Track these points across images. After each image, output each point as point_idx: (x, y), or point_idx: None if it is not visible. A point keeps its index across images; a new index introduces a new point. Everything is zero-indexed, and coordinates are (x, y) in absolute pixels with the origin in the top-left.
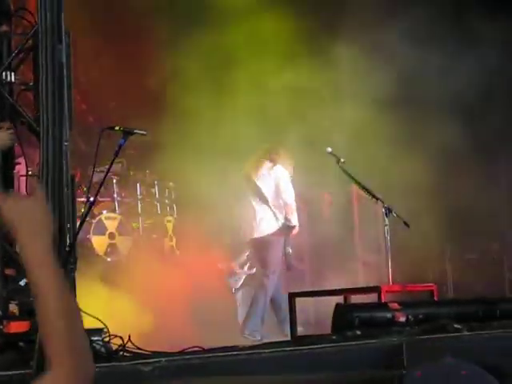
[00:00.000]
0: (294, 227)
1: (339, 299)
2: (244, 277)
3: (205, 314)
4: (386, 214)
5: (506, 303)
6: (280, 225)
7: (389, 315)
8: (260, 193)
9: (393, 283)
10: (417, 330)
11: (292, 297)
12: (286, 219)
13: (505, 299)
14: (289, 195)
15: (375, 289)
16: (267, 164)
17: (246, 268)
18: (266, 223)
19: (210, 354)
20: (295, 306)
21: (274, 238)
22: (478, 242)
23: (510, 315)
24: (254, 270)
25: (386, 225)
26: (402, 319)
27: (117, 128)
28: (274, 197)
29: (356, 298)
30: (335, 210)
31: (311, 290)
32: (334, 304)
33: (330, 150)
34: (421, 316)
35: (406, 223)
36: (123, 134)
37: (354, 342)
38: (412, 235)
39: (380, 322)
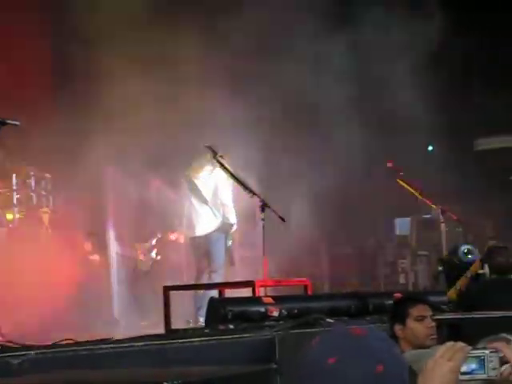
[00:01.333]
0: (232, 225)
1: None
2: (151, 262)
3: (81, 305)
4: (262, 208)
5: (377, 298)
6: (219, 222)
7: (262, 309)
8: (199, 193)
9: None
10: (289, 324)
11: (166, 290)
12: (224, 217)
13: (376, 294)
14: (226, 196)
15: (249, 283)
16: (208, 168)
17: (153, 253)
18: (206, 221)
19: (82, 347)
20: (169, 300)
21: (215, 235)
22: (354, 236)
23: (381, 309)
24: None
25: (262, 219)
26: (275, 313)
27: None
28: (212, 197)
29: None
30: None
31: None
32: None
33: (207, 144)
34: (294, 310)
35: (281, 218)
36: None
37: (226, 336)
38: (289, 230)
39: (253, 316)
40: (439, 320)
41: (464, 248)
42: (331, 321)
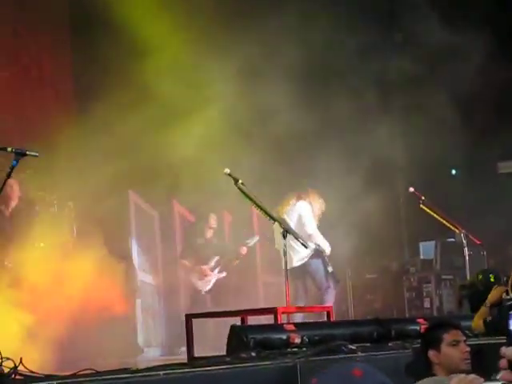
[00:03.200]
0: (324, 250)
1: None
2: (214, 280)
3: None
4: (283, 235)
5: (399, 324)
6: (312, 250)
7: (284, 337)
8: (288, 226)
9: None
10: (311, 351)
11: (189, 318)
12: (316, 244)
13: (399, 320)
14: (310, 227)
15: (272, 310)
16: (293, 201)
17: (216, 271)
18: (301, 251)
19: (103, 377)
20: (192, 327)
21: (312, 262)
22: (378, 261)
23: (403, 335)
24: (224, 273)
25: (284, 245)
26: (297, 340)
27: (9, 149)
28: (298, 227)
29: (255, 320)
30: (235, 229)
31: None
32: None
33: (228, 171)
34: (316, 337)
35: (304, 245)
36: (15, 155)
37: (248, 364)
38: None
39: (275, 343)
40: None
41: (488, 273)
42: (353, 347)
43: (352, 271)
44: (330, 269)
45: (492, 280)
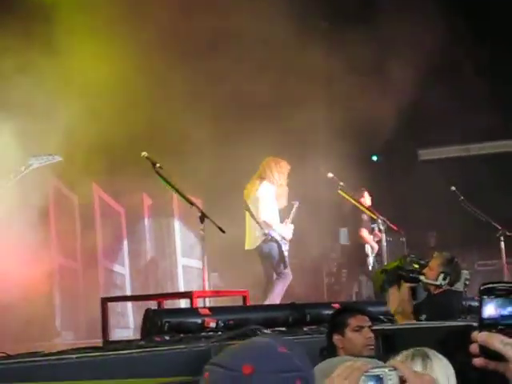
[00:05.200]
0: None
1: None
2: None
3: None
4: (200, 219)
5: (314, 308)
6: (263, 235)
7: (199, 321)
8: (249, 211)
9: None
10: (225, 335)
11: (104, 301)
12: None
13: (314, 304)
14: (262, 213)
15: (187, 294)
16: (257, 182)
17: None
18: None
19: (14, 360)
20: (107, 311)
21: (264, 246)
22: (299, 247)
23: (319, 320)
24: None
25: (201, 230)
26: (212, 324)
27: None
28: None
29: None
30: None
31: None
32: None
33: (145, 153)
34: (231, 322)
35: (221, 229)
36: None
37: (161, 348)
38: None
39: (190, 327)
40: (376, 330)
41: (409, 258)
42: (268, 331)
43: None
44: (285, 253)
45: (416, 266)
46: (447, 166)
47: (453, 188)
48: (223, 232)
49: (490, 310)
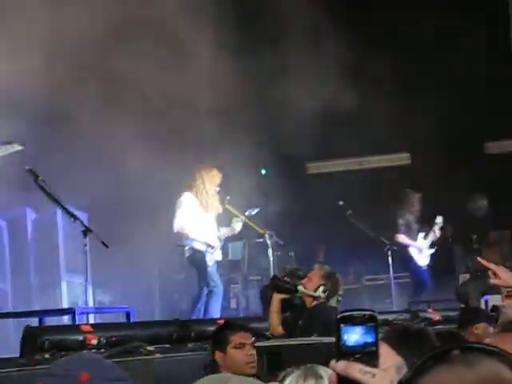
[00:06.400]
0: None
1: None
2: None
3: None
4: (84, 233)
5: (199, 324)
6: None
7: (80, 338)
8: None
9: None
10: (107, 353)
11: None
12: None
13: (199, 320)
14: (174, 224)
15: (69, 310)
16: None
17: None
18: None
19: None
20: None
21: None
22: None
23: (203, 336)
24: None
25: (85, 245)
26: (94, 341)
27: None
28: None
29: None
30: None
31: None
32: None
33: (27, 167)
34: (113, 339)
35: (104, 243)
36: None
37: (41, 366)
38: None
39: (71, 345)
40: (259, 347)
41: (287, 269)
42: (152, 349)
43: (159, 271)
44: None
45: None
46: (335, 179)
47: (340, 202)
48: (106, 247)
49: (349, 337)
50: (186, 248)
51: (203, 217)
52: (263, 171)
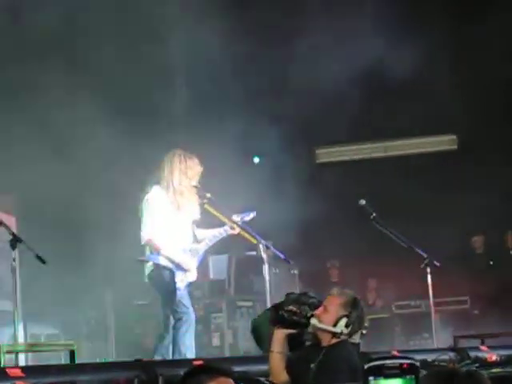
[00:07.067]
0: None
1: None
2: None
3: None
4: (12, 244)
5: (168, 367)
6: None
7: None
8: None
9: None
10: None
11: None
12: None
13: (167, 362)
14: (142, 230)
15: None
16: (148, 187)
17: None
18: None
19: None
20: None
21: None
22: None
23: (173, 382)
24: None
25: (13, 259)
26: None
27: None
28: None
29: None
30: None
31: None
32: None
33: None
34: None
35: (40, 258)
36: None
37: None
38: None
39: None
40: None
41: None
42: None
43: (114, 294)
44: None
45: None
46: (352, 169)
47: (362, 202)
48: (43, 262)
49: None
50: (148, 264)
51: (175, 221)
52: (256, 159)
